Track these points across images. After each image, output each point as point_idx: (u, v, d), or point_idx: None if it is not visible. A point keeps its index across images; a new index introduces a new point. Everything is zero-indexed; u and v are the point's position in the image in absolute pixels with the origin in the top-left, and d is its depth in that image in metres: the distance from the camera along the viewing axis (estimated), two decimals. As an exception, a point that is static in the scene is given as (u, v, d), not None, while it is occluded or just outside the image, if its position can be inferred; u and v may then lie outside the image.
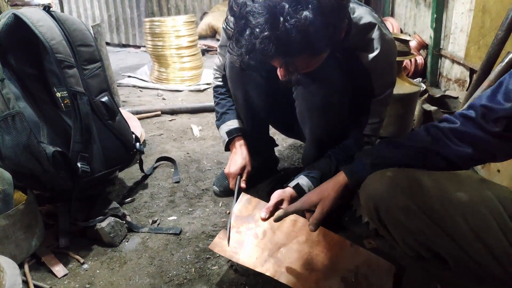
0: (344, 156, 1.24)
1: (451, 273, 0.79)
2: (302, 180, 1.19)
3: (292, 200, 1.15)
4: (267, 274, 0.98)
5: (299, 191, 1.17)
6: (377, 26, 1.07)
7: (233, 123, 1.39)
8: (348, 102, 1.18)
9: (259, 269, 0.99)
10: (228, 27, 0.89)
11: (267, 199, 1.17)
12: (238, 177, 1.32)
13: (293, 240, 1.06)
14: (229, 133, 1.38)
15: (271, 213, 1.08)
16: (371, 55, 1.08)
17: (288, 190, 1.16)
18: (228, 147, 1.42)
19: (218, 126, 1.44)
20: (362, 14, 1.07)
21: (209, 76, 3.30)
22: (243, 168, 1.34)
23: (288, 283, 0.96)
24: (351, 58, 1.11)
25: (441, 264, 0.77)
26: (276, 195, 1.12)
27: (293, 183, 1.19)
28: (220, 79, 1.45)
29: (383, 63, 1.11)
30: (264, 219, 1.07)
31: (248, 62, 0.87)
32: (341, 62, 1.11)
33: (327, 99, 1.14)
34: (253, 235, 1.07)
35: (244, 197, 1.17)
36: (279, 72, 0.98)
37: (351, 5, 1.06)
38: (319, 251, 1.05)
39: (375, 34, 1.08)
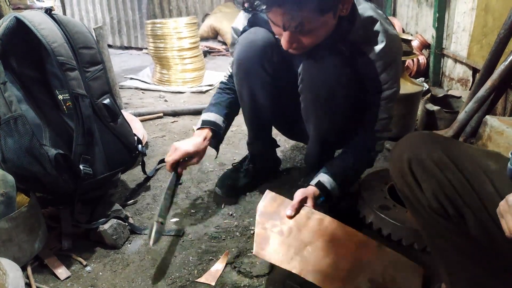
0: (360, 151, 1.24)
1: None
2: (323, 177, 1.20)
3: (316, 197, 1.16)
4: (294, 271, 0.96)
5: (322, 188, 1.18)
6: (379, 21, 1.09)
7: (211, 116, 1.35)
8: (354, 97, 1.18)
9: (285, 266, 0.97)
10: None
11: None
12: (173, 173, 1.27)
13: (319, 239, 1.04)
14: (202, 122, 1.34)
15: (297, 211, 1.08)
16: (377, 48, 1.09)
17: (311, 188, 1.17)
18: None
19: (201, 114, 1.39)
20: (366, 8, 1.09)
21: (211, 77, 3.30)
22: (185, 155, 1.27)
23: (315, 281, 0.95)
24: (356, 52, 1.12)
25: (461, 224, 0.77)
26: (299, 193, 1.12)
27: (314, 181, 1.19)
28: (227, 78, 1.45)
29: (389, 56, 1.11)
30: (290, 217, 1.06)
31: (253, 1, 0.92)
32: (346, 56, 1.11)
33: (333, 92, 1.14)
34: (279, 232, 1.05)
35: (269, 194, 1.14)
36: (283, 39, 1.02)
37: None
38: (345, 250, 1.03)
39: (379, 27, 1.09)
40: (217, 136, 1.36)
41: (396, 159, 0.84)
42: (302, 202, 1.10)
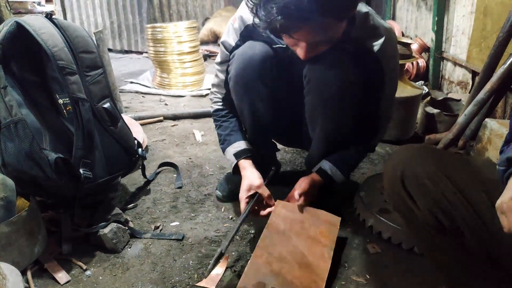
0: (360, 138, 1.31)
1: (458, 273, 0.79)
2: (323, 163, 1.29)
3: (317, 183, 1.27)
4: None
5: (323, 174, 1.28)
6: (374, 16, 1.13)
7: (240, 145, 1.34)
8: (359, 94, 1.19)
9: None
10: (249, 1, 0.96)
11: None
12: (250, 200, 1.24)
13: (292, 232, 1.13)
14: (236, 155, 1.32)
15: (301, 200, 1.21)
16: (380, 41, 1.12)
17: (312, 176, 1.28)
18: (236, 169, 1.34)
19: (223, 150, 1.38)
20: (360, 5, 1.12)
21: (211, 81, 3.30)
22: (250, 190, 1.24)
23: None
24: (360, 48, 1.14)
25: (458, 237, 0.77)
26: (299, 187, 1.25)
27: (315, 168, 1.30)
28: (220, 103, 1.40)
29: (391, 46, 1.16)
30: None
31: (277, 23, 0.92)
32: (351, 53, 1.13)
33: (341, 91, 1.15)
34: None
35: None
36: (301, 51, 1.03)
37: None
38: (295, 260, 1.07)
39: (376, 21, 1.13)
40: (254, 158, 1.34)
41: (389, 175, 0.84)
42: (300, 196, 1.21)
